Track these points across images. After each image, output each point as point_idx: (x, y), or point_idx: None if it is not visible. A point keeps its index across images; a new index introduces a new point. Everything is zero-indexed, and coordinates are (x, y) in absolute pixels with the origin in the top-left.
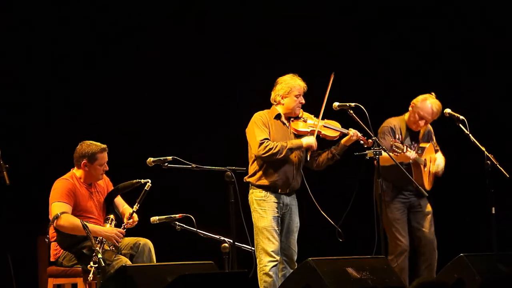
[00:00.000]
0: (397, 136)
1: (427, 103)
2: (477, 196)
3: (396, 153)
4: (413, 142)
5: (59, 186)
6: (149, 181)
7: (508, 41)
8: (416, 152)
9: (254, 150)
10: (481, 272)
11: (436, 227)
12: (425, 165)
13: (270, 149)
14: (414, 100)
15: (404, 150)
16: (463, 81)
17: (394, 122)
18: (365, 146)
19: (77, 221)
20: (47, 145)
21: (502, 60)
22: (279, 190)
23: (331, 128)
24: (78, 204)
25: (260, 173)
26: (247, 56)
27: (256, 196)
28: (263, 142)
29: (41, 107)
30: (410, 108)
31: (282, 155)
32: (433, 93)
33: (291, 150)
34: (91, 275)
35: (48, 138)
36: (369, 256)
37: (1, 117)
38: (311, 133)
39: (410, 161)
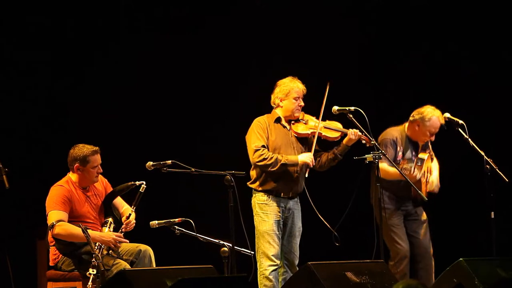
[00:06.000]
0: (398, 149)
1: (435, 119)
2: (476, 201)
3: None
4: (414, 153)
5: (55, 193)
6: (144, 182)
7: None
8: (416, 164)
9: (250, 156)
10: (481, 277)
11: (435, 232)
12: (423, 176)
13: (265, 159)
14: (419, 117)
15: (412, 171)
16: (463, 85)
17: (396, 133)
18: (367, 145)
19: (73, 229)
20: (47, 148)
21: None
22: (282, 194)
23: (332, 129)
24: (74, 210)
25: (262, 178)
26: (248, 59)
27: (258, 200)
28: (258, 150)
29: (41, 110)
30: (415, 127)
31: (275, 168)
32: (430, 106)
33: (285, 165)
34: (90, 282)
35: (48, 141)
36: (368, 261)
37: (0, 120)
38: (312, 135)
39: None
